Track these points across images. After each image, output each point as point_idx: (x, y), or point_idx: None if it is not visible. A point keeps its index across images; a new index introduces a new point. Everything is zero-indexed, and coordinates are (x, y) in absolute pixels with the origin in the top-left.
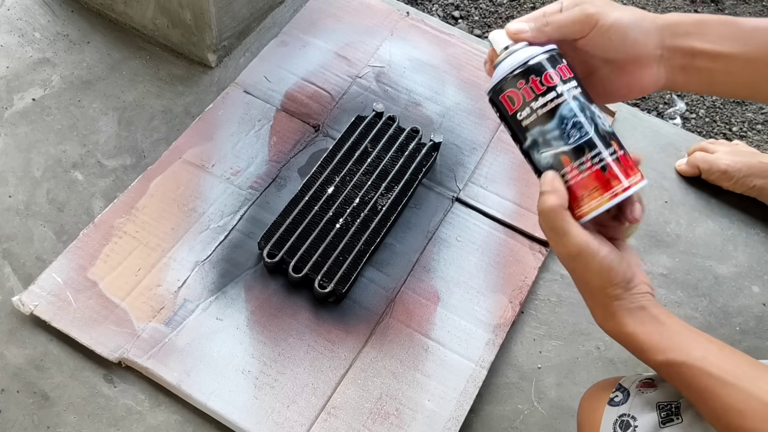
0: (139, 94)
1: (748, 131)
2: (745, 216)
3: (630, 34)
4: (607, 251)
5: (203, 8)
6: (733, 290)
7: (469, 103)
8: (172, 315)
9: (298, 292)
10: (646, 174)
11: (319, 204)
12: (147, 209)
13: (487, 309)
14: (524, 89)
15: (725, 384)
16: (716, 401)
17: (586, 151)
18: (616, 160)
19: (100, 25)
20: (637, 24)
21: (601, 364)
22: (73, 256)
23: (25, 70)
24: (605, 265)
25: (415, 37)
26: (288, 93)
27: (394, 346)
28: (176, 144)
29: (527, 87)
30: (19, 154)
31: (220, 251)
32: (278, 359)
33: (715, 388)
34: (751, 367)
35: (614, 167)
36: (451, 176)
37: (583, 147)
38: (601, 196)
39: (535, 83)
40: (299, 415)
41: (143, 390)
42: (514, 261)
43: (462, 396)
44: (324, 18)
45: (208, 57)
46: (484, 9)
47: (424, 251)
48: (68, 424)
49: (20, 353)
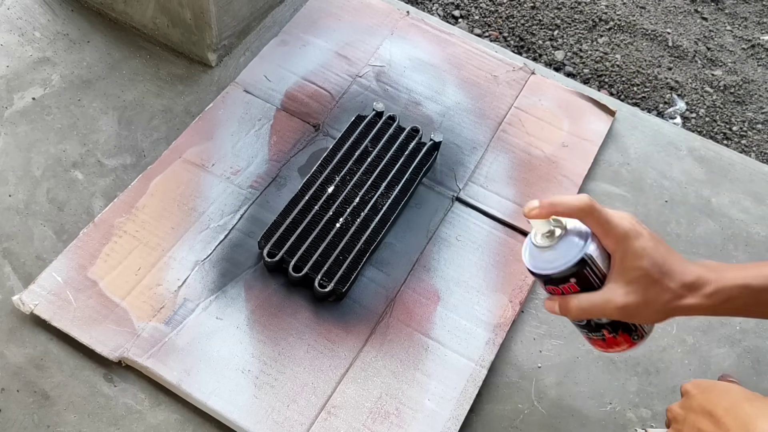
0: (139, 93)
1: (748, 131)
2: (746, 215)
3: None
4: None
5: (203, 7)
6: None
7: (469, 102)
8: (172, 314)
9: (298, 291)
10: (647, 173)
11: (320, 203)
12: (147, 208)
13: (488, 308)
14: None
15: None
16: None
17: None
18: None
19: (100, 24)
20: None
21: (602, 363)
22: (73, 256)
23: (25, 70)
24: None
25: (415, 37)
26: (288, 92)
27: (394, 346)
28: (176, 143)
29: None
30: (19, 154)
31: (220, 250)
32: (278, 358)
33: None
34: None
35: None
36: (452, 176)
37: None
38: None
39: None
40: (299, 414)
41: (143, 389)
42: (514, 260)
43: (462, 395)
44: (324, 17)
45: (209, 56)
46: (484, 8)
47: (425, 250)
48: (68, 423)
49: (20, 352)
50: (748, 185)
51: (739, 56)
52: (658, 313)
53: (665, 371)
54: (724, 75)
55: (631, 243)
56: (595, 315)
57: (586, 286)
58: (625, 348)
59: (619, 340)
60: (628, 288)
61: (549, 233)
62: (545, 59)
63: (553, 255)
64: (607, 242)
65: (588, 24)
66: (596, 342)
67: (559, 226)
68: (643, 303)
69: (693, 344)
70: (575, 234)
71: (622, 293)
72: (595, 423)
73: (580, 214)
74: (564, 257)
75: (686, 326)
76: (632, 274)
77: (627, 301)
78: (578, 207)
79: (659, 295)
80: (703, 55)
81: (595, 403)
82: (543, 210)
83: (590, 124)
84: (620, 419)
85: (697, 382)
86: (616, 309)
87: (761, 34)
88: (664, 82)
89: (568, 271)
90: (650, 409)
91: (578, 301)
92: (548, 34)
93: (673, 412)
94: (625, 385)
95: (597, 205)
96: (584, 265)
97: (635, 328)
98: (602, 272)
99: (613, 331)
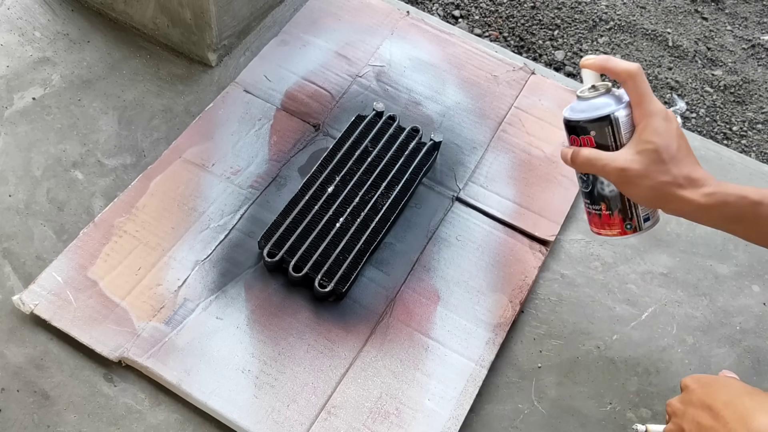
0: (140, 93)
1: (748, 131)
2: None
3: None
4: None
5: (203, 7)
6: (733, 289)
7: (469, 102)
8: (172, 314)
9: (299, 291)
10: None
11: (320, 203)
12: (147, 208)
13: (488, 308)
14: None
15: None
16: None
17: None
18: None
19: (100, 24)
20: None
21: (602, 363)
22: (73, 256)
23: (25, 69)
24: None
25: (415, 37)
26: (288, 92)
27: (394, 346)
28: (176, 143)
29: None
30: (20, 153)
31: (221, 250)
32: (278, 358)
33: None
34: None
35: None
36: (452, 175)
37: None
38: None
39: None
40: (299, 414)
41: (143, 389)
42: (514, 260)
43: (462, 395)
44: (324, 17)
45: (209, 56)
46: (485, 8)
47: (425, 250)
48: (68, 423)
49: (20, 352)
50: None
51: (739, 56)
52: (652, 191)
53: (665, 371)
54: (724, 75)
55: (656, 120)
56: (597, 169)
57: (602, 144)
58: (616, 233)
59: (613, 221)
60: (635, 156)
61: (593, 87)
62: (545, 59)
63: (586, 105)
64: (637, 113)
65: (588, 24)
66: (592, 218)
67: (604, 86)
68: (642, 174)
69: (693, 344)
70: (614, 97)
71: (628, 158)
72: (595, 423)
73: (624, 76)
74: (593, 110)
75: (686, 326)
76: (644, 146)
77: (628, 165)
78: (626, 69)
79: (660, 174)
80: (703, 55)
81: (595, 403)
82: (597, 62)
83: None
84: (620, 419)
85: (697, 377)
86: (616, 168)
87: (761, 34)
88: (665, 82)
89: (592, 124)
90: (650, 409)
91: (588, 152)
92: (548, 34)
93: (672, 406)
94: (625, 385)
95: (643, 76)
96: (608, 122)
97: (630, 215)
98: (621, 141)
99: (611, 208)
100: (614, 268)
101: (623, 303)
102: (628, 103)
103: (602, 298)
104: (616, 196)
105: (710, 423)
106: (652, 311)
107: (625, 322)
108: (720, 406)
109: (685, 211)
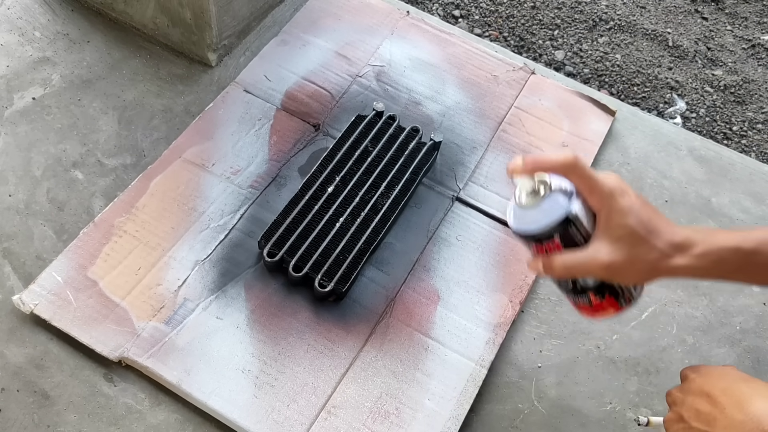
0: (140, 93)
1: (748, 131)
2: (746, 215)
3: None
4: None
5: (203, 7)
6: (733, 289)
7: (469, 102)
8: (172, 314)
9: (298, 291)
10: (647, 173)
11: (320, 203)
12: (147, 208)
13: (488, 308)
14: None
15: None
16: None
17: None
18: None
19: (100, 24)
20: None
21: (602, 363)
22: (73, 255)
23: (25, 69)
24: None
25: (415, 37)
26: (288, 92)
27: (394, 345)
28: (176, 143)
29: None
30: (20, 153)
31: (221, 250)
32: (278, 358)
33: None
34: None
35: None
36: (452, 175)
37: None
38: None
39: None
40: (299, 414)
41: (143, 389)
42: (514, 260)
43: (462, 395)
44: (324, 17)
45: (209, 56)
46: (485, 8)
47: (425, 250)
48: (68, 423)
49: (20, 352)
50: (748, 185)
51: (739, 56)
52: (644, 272)
53: (665, 371)
54: (724, 75)
55: (616, 200)
56: (580, 273)
57: (570, 245)
58: (612, 313)
59: (605, 304)
60: (614, 246)
61: (533, 192)
62: (545, 59)
63: (536, 214)
64: (593, 200)
65: (588, 24)
66: (583, 308)
67: (544, 185)
68: (629, 261)
69: (693, 344)
70: (560, 192)
71: (608, 251)
72: (595, 423)
73: (564, 170)
74: (548, 216)
75: (686, 326)
76: (618, 232)
77: (612, 259)
78: (562, 163)
79: (646, 254)
80: (703, 54)
81: (595, 403)
82: (527, 166)
83: (590, 123)
84: (620, 419)
85: (696, 367)
86: (601, 267)
87: (761, 34)
88: (665, 82)
89: (553, 230)
90: (650, 409)
91: (562, 259)
92: (548, 34)
93: (672, 396)
94: (625, 385)
95: (582, 161)
96: (568, 223)
97: (622, 292)
98: (587, 232)
99: (599, 294)
100: None
101: None
102: (576, 191)
103: None
104: (600, 283)
105: (708, 409)
106: (652, 311)
107: (625, 322)
108: (717, 393)
109: (680, 276)
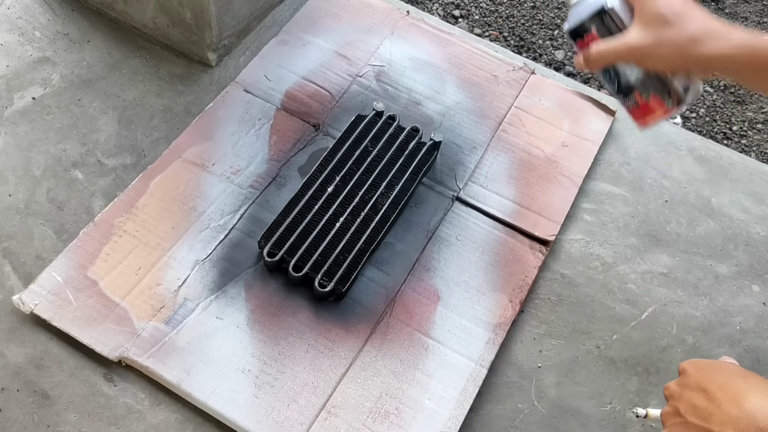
0: (139, 93)
1: (748, 130)
2: (746, 215)
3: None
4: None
5: (203, 7)
6: (733, 289)
7: (469, 102)
8: (172, 314)
9: (298, 291)
10: (647, 173)
11: (320, 203)
12: (147, 208)
13: (488, 308)
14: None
15: None
16: None
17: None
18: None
19: (100, 23)
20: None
21: (602, 363)
22: (73, 255)
23: (25, 69)
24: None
25: (415, 36)
26: (288, 92)
27: (394, 345)
28: (176, 143)
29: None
30: (19, 153)
31: (220, 250)
32: (278, 358)
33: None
34: None
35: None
36: (452, 175)
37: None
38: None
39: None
40: (299, 414)
41: (143, 389)
42: (514, 260)
43: (462, 395)
44: (324, 17)
45: (209, 56)
46: (485, 8)
47: (425, 250)
48: (68, 423)
49: (20, 352)
50: (748, 185)
51: None
52: (673, 57)
53: (665, 371)
54: None
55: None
56: (612, 58)
57: (607, 35)
58: (662, 115)
59: (653, 104)
60: (643, 29)
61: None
62: (545, 59)
63: (579, 8)
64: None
65: None
66: (633, 112)
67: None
68: (656, 43)
69: (693, 344)
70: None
71: (637, 34)
72: (595, 423)
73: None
74: (586, 9)
75: (686, 326)
76: (647, 16)
77: (640, 40)
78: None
79: (675, 37)
80: None
81: (595, 403)
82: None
83: (590, 123)
84: (620, 419)
85: (694, 362)
86: (629, 48)
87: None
88: None
89: (589, 22)
90: None
91: (597, 47)
92: (548, 34)
93: (669, 389)
94: (625, 385)
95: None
96: (604, 14)
97: (667, 90)
98: (624, 24)
99: (644, 92)
100: (614, 268)
101: (623, 303)
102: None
103: (602, 298)
104: (643, 77)
105: (705, 404)
106: (652, 311)
107: (625, 321)
108: (714, 388)
109: (710, 68)
